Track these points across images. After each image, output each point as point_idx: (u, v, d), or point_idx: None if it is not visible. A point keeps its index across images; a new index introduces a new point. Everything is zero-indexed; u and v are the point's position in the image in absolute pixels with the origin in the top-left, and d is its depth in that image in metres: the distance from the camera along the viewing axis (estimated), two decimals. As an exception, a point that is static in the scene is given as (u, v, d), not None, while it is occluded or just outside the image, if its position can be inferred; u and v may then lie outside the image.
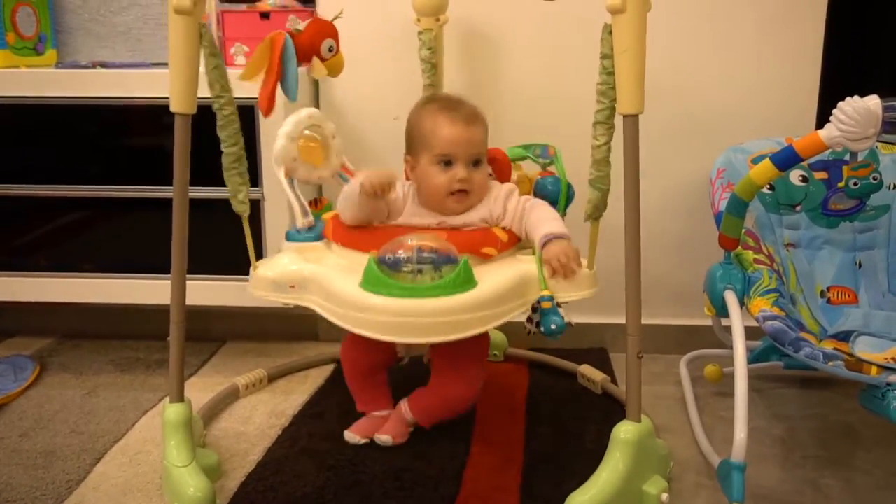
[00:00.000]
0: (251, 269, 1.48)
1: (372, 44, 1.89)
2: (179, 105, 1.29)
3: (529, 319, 1.37)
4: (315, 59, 1.57)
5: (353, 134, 1.95)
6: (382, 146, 1.93)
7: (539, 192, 1.58)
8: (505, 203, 1.47)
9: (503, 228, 1.46)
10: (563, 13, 1.86)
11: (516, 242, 1.47)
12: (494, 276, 1.33)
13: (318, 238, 1.53)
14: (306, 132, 1.55)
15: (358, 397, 1.61)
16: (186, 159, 1.33)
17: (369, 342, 1.30)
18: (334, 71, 1.63)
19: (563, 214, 1.53)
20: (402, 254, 1.29)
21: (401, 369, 1.62)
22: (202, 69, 1.31)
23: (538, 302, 1.35)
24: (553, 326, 1.33)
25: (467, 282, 1.28)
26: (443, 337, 1.27)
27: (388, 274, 1.28)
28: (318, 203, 1.64)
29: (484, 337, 1.53)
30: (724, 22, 1.88)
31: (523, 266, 1.39)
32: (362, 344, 1.49)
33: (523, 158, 1.63)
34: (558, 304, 1.35)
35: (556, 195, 1.55)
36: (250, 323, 2.12)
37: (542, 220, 1.43)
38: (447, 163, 1.44)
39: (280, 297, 1.44)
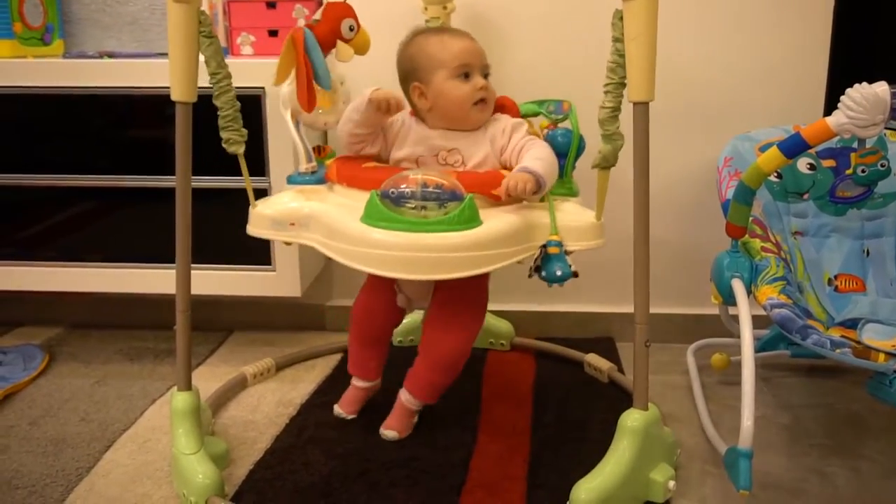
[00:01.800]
0: (250, 207, 1.45)
1: (379, 33, 1.88)
2: (180, 94, 1.29)
3: (534, 261, 1.34)
4: (339, 42, 1.56)
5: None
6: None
7: (549, 143, 1.55)
8: (511, 133, 1.47)
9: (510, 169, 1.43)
10: (572, 1, 1.85)
11: None
12: (500, 218, 1.31)
13: (321, 182, 1.51)
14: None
15: (353, 358, 1.60)
16: (188, 148, 1.33)
17: (381, 304, 1.29)
18: (362, 49, 1.61)
19: (573, 167, 1.49)
20: (406, 188, 1.27)
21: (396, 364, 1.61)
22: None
23: (545, 246, 1.33)
24: (558, 273, 1.31)
25: (472, 219, 1.26)
26: (446, 274, 1.25)
27: (391, 208, 1.26)
28: (321, 151, 1.63)
29: (483, 291, 1.52)
30: (732, 9, 1.87)
31: (532, 210, 1.36)
32: (375, 309, 1.54)
33: (536, 114, 1.58)
34: (566, 252, 1.33)
35: (566, 147, 1.48)
36: (258, 312, 2.13)
37: (529, 156, 1.41)
38: (466, 75, 1.44)
39: (279, 234, 1.42)
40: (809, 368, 1.86)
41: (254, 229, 1.45)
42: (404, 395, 1.53)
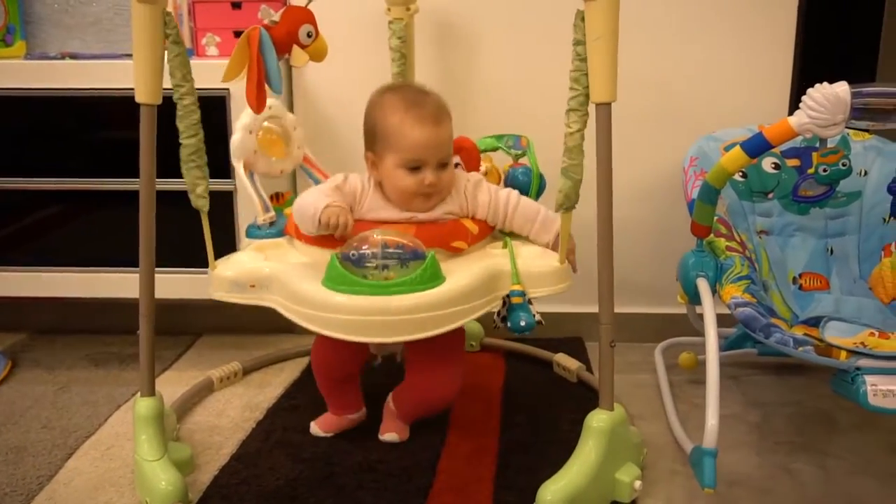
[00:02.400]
0: (210, 268, 1.42)
1: (344, 33, 1.87)
2: (144, 96, 1.27)
3: (498, 313, 1.35)
4: (295, 48, 1.55)
5: (324, 123, 1.94)
6: (355, 134, 1.90)
7: (510, 182, 1.57)
8: (475, 195, 1.43)
9: (474, 220, 1.43)
10: (536, 1, 1.85)
11: (487, 234, 1.45)
12: (464, 271, 1.30)
13: (280, 234, 1.49)
14: (265, 124, 1.53)
15: (330, 402, 1.55)
16: (152, 151, 1.32)
17: (339, 344, 1.27)
18: (318, 56, 1.60)
19: None
20: (366, 249, 1.25)
21: (373, 370, 1.60)
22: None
23: (508, 297, 1.33)
24: (522, 323, 1.31)
25: (434, 277, 1.25)
26: (411, 335, 1.24)
27: (352, 271, 1.24)
28: (279, 197, 1.60)
29: (459, 332, 1.47)
30: (696, 10, 1.88)
31: (494, 260, 1.36)
32: (333, 346, 1.45)
33: (495, 149, 1.61)
34: (529, 301, 1.33)
35: (527, 186, 1.53)
36: (226, 316, 2.09)
37: (538, 215, 1.42)
38: (415, 167, 1.37)
39: (240, 297, 1.38)
40: (777, 366, 1.87)
41: (215, 292, 1.42)
42: (391, 403, 1.52)
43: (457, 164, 1.51)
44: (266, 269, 1.37)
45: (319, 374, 1.54)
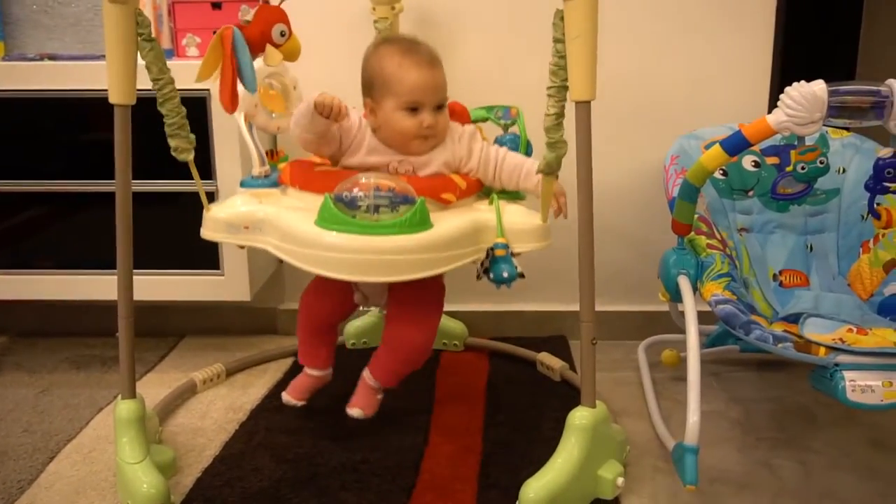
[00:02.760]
0: (204, 210, 1.43)
1: (328, 32, 1.87)
2: (118, 96, 1.26)
3: (482, 264, 1.36)
4: (269, 47, 1.55)
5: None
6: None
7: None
8: (470, 144, 1.47)
9: (463, 175, 1.45)
10: (518, 2, 1.85)
11: (476, 191, 1.46)
12: (450, 221, 1.33)
13: (274, 185, 1.49)
14: (267, 80, 1.53)
15: (302, 348, 1.58)
16: (128, 152, 1.31)
17: (329, 294, 1.29)
18: (291, 55, 1.59)
19: None
20: (358, 191, 1.28)
21: (349, 363, 1.59)
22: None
23: (492, 248, 1.35)
24: (504, 274, 1.33)
25: (423, 222, 1.28)
26: (397, 276, 1.27)
27: (343, 211, 1.27)
28: (274, 154, 1.62)
29: (439, 285, 1.52)
30: (676, 9, 1.89)
31: (480, 213, 1.38)
32: (322, 292, 1.52)
33: (485, 120, 1.61)
34: (512, 254, 1.35)
35: (515, 151, 1.53)
36: (209, 317, 2.10)
37: (526, 163, 1.44)
38: (414, 109, 1.42)
39: (233, 238, 1.41)
40: (759, 363, 1.89)
41: (208, 233, 1.44)
42: (367, 374, 1.51)
43: None
44: (260, 212, 1.39)
45: (303, 319, 1.57)
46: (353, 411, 1.49)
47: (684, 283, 1.45)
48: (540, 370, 1.85)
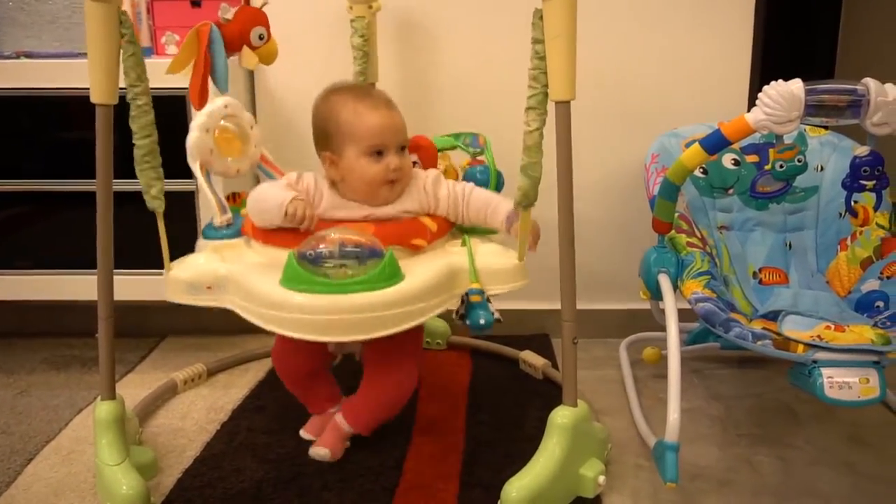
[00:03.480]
0: (165, 270, 1.40)
1: (306, 31, 1.86)
2: (100, 96, 1.25)
3: (457, 311, 1.33)
4: (245, 48, 1.54)
5: (287, 121, 1.93)
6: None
7: (468, 180, 1.56)
8: (435, 191, 1.43)
9: (433, 217, 1.42)
10: (497, 0, 1.86)
11: (446, 232, 1.44)
12: (422, 269, 1.29)
13: (237, 235, 1.46)
14: (222, 122, 1.51)
15: (306, 402, 1.54)
16: (109, 151, 1.29)
17: (299, 346, 1.24)
18: (267, 59, 1.59)
19: None
20: (323, 248, 1.24)
21: (335, 368, 1.58)
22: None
23: (467, 294, 1.32)
24: (481, 321, 1.29)
25: (393, 275, 1.24)
26: (369, 334, 1.23)
27: (309, 270, 1.22)
28: (236, 198, 1.59)
29: (417, 331, 1.47)
30: (655, 8, 1.90)
31: (453, 258, 1.35)
32: (292, 347, 1.46)
33: (453, 148, 1.60)
34: (488, 299, 1.32)
35: (486, 184, 1.53)
36: (191, 317, 2.07)
37: (493, 200, 1.42)
38: (378, 153, 1.37)
39: (196, 299, 1.36)
40: (739, 360, 1.90)
41: (170, 295, 1.39)
42: (339, 419, 1.47)
43: (414, 163, 1.51)
44: (222, 270, 1.34)
45: (284, 377, 1.53)
46: (320, 451, 1.44)
47: (665, 282, 1.46)
48: (522, 368, 1.85)
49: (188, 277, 1.37)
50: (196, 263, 1.39)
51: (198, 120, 1.46)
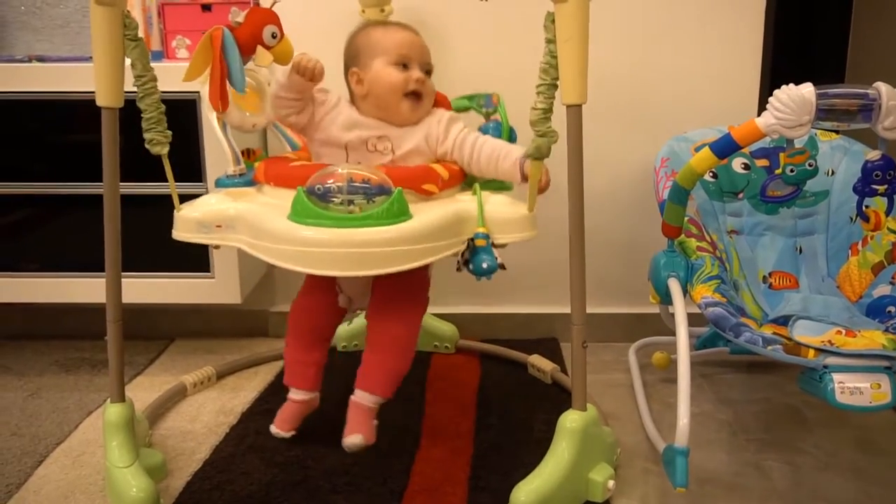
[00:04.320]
0: (175, 210, 1.40)
1: (317, 34, 1.86)
2: (106, 99, 1.26)
3: (462, 255, 1.33)
4: (259, 48, 1.54)
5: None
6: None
7: None
8: (448, 126, 1.46)
9: (444, 164, 1.42)
10: (507, 2, 1.86)
11: (458, 182, 1.43)
12: (430, 212, 1.29)
13: (249, 184, 1.46)
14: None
15: (290, 367, 1.52)
16: (115, 154, 1.30)
17: (316, 292, 1.28)
18: (283, 58, 1.58)
19: None
20: (332, 183, 1.24)
21: (337, 367, 1.57)
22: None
23: (472, 239, 1.31)
24: (484, 265, 1.29)
25: (401, 213, 1.24)
26: (375, 269, 1.23)
27: (317, 204, 1.23)
28: (250, 154, 1.60)
29: (423, 278, 1.48)
30: (666, 12, 1.90)
31: (461, 204, 1.35)
32: (310, 294, 1.50)
33: (467, 109, 1.60)
34: (494, 245, 1.32)
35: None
36: (199, 320, 2.09)
37: (502, 147, 1.42)
38: (404, 65, 1.44)
39: (205, 237, 1.37)
40: (748, 364, 1.89)
41: (179, 233, 1.40)
42: (359, 395, 1.42)
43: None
44: (232, 209, 1.36)
45: (292, 329, 1.53)
46: (353, 439, 1.39)
47: (674, 286, 1.45)
48: (531, 372, 1.85)
49: (198, 216, 1.37)
50: (207, 203, 1.40)
51: None
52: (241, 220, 1.34)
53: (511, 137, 1.55)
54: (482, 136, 1.47)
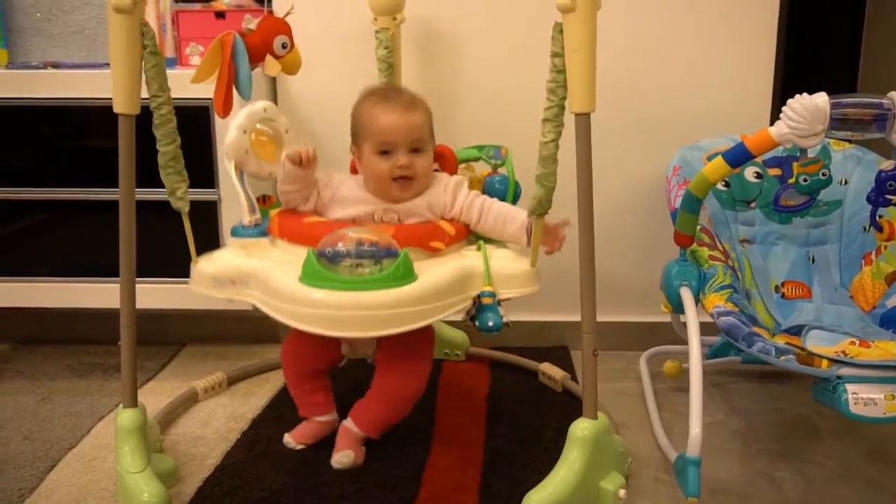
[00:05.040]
0: (192, 264, 1.45)
1: (329, 42, 1.88)
2: (122, 106, 1.27)
3: (468, 312, 1.36)
4: (268, 57, 1.56)
5: (309, 132, 1.94)
6: (339, 143, 1.91)
7: (487, 190, 1.59)
8: (455, 193, 1.48)
9: (451, 221, 1.46)
10: (517, 12, 1.86)
11: (463, 237, 1.48)
12: (436, 270, 1.33)
13: (264, 234, 1.51)
14: (259, 125, 1.53)
15: (300, 401, 1.56)
16: (132, 161, 1.31)
17: (312, 343, 1.30)
18: (291, 68, 1.60)
19: None
20: (341, 246, 1.29)
21: (342, 371, 1.57)
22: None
23: (479, 297, 1.35)
24: (490, 323, 1.33)
25: (407, 275, 1.28)
26: (383, 330, 1.27)
27: (327, 267, 1.27)
28: (266, 200, 1.62)
29: (428, 336, 1.51)
30: (678, 20, 1.90)
31: (467, 261, 1.39)
32: (305, 345, 1.50)
33: (476, 159, 1.64)
34: (499, 302, 1.35)
35: (504, 194, 1.57)
36: (210, 326, 2.10)
37: (508, 211, 1.46)
38: (387, 151, 1.44)
39: (220, 292, 1.42)
40: (760, 374, 1.89)
41: (196, 287, 1.45)
42: (349, 423, 1.48)
43: (436, 170, 1.56)
44: (246, 266, 1.40)
45: (289, 373, 1.56)
46: (340, 456, 1.45)
47: (686, 295, 1.45)
48: (541, 380, 1.85)
49: (214, 271, 1.42)
50: (222, 258, 1.45)
51: (237, 120, 1.50)
52: (253, 278, 1.38)
53: (516, 191, 1.58)
54: (488, 199, 1.49)
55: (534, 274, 1.40)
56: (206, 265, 1.44)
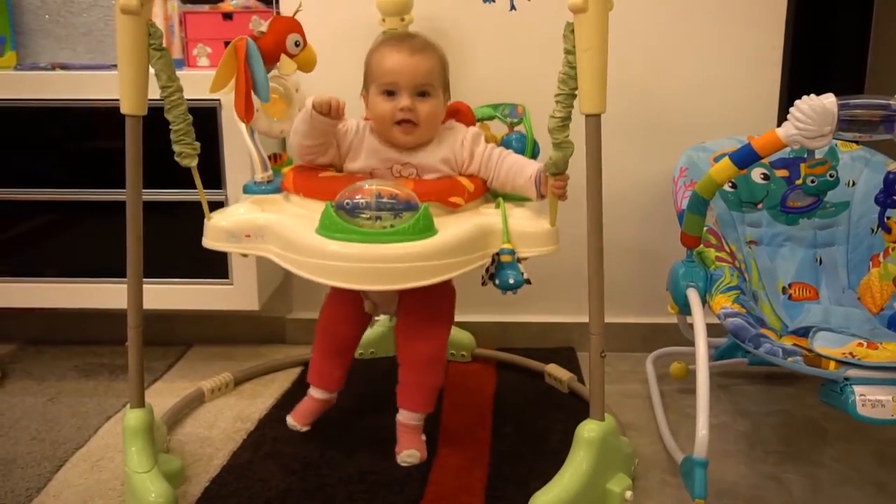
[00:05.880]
0: (205, 219, 1.43)
1: (337, 44, 1.88)
2: (130, 106, 1.27)
3: (487, 270, 1.34)
4: (283, 56, 1.56)
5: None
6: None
7: (504, 147, 1.56)
8: (472, 147, 1.46)
9: (469, 177, 1.44)
10: (526, 12, 1.86)
11: (482, 193, 1.46)
12: (456, 226, 1.31)
13: (277, 191, 1.49)
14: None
15: (316, 366, 1.56)
16: (139, 161, 1.31)
17: (344, 300, 1.30)
18: (307, 65, 1.60)
19: None
20: (360, 199, 1.27)
21: (362, 371, 1.58)
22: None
23: (498, 254, 1.33)
24: (511, 281, 1.31)
25: (427, 229, 1.27)
26: (401, 284, 1.26)
27: (345, 219, 1.26)
28: (277, 158, 1.61)
29: (448, 290, 1.51)
30: (686, 22, 1.89)
31: (485, 218, 1.37)
32: (341, 317, 1.52)
33: (491, 118, 1.61)
34: (518, 260, 1.33)
35: (521, 151, 1.53)
36: (217, 326, 2.10)
37: (518, 162, 1.45)
38: (391, 92, 1.42)
39: (235, 247, 1.40)
40: (767, 376, 1.88)
41: (209, 242, 1.43)
42: (403, 415, 1.49)
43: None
44: (261, 220, 1.38)
45: (320, 338, 1.56)
46: (408, 455, 1.45)
47: (693, 296, 1.45)
48: (548, 381, 1.84)
49: (228, 225, 1.41)
50: (236, 213, 1.43)
51: None
52: (269, 231, 1.36)
53: (534, 149, 1.56)
54: (503, 151, 1.48)
55: (553, 233, 1.37)
56: (219, 219, 1.42)
